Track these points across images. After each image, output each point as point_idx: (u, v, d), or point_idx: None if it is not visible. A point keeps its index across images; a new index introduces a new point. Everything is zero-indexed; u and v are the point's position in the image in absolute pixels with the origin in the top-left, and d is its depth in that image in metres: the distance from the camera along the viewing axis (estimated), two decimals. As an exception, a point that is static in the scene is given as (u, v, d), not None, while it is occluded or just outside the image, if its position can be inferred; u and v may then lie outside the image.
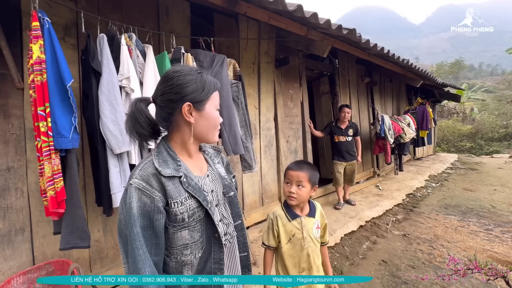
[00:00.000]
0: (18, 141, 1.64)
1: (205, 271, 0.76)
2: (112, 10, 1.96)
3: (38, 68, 1.15)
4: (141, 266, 0.64)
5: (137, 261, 0.65)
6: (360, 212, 3.50)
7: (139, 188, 0.67)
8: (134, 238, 0.65)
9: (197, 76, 0.74)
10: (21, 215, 1.65)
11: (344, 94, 4.60)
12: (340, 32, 2.50)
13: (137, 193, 0.67)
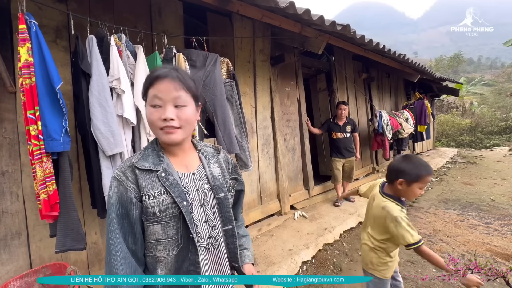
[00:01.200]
0: (12, 145, 1.64)
1: (181, 270, 0.74)
2: (103, 11, 1.95)
3: (26, 71, 1.14)
4: (112, 249, 0.69)
5: (109, 244, 0.70)
6: (360, 209, 3.49)
7: (117, 178, 0.73)
8: (109, 223, 0.71)
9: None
10: (17, 219, 1.65)
11: (342, 91, 4.58)
12: (334, 28, 2.48)
13: (115, 183, 0.73)
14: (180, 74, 0.74)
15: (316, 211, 3.49)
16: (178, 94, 0.71)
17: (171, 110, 0.71)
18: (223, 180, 0.84)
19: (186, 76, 0.76)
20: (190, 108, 0.74)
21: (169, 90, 0.71)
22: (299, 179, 3.71)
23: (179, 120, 0.72)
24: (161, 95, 0.71)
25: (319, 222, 3.14)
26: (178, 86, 0.72)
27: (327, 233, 2.84)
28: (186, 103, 0.73)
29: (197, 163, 0.84)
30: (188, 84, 0.74)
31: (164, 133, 0.72)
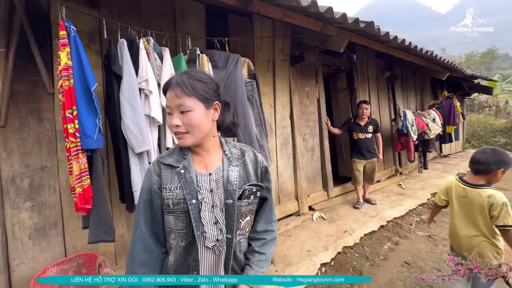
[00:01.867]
0: (50, 142, 1.78)
1: (186, 263, 0.80)
2: (131, 16, 2.05)
3: (65, 74, 1.24)
4: (134, 228, 0.82)
5: (134, 224, 0.83)
6: (381, 212, 3.37)
7: (149, 169, 0.84)
8: (138, 205, 0.83)
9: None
10: (54, 211, 1.79)
11: (363, 90, 4.44)
12: (357, 25, 2.42)
13: (147, 173, 0.84)
14: (182, 79, 0.76)
15: (335, 212, 3.42)
16: (180, 101, 0.75)
17: (176, 117, 0.76)
18: (237, 186, 0.81)
19: (191, 80, 0.76)
20: (195, 112, 0.75)
21: (173, 98, 0.76)
22: (318, 180, 3.66)
23: (185, 126, 0.76)
24: (169, 104, 0.78)
25: (339, 224, 3.07)
26: (180, 93, 0.75)
27: (347, 236, 2.78)
28: (190, 108, 0.75)
29: (218, 164, 0.84)
30: (189, 89, 0.75)
31: (177, 138, 0.80)
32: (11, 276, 1.64)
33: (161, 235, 0.83)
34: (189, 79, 0.76)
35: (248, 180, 0.84)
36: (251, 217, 0.88)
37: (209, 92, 0.79)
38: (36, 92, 1.73)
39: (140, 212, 0.81)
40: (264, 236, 0.89)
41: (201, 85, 0.77)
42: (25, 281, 1.66)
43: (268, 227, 0.91)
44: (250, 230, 0.90)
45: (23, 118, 1.68)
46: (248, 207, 0.84)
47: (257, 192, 0.85)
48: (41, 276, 1.58)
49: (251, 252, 0.87)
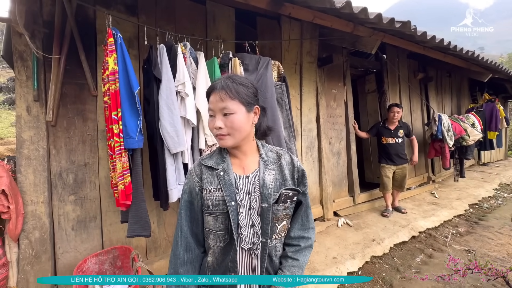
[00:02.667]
0: (92, 140, 1.91)
1: (223, 263, 0.82)
2: (167, 22, 2.15)
3: (112, 78, 1.33)
4: (177, 228, 0.85)
5: (177, 223, 0.85)
6: (412, 221, 3.18)
7: (191, 171, 0.87)
8: (180, 206, 0.86)
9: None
10: (94, 205, 1.92)
11: (393, 92, 4.24)
12: (392, 26, 2.32)
13: (189, 175, 0.87)
14: (227, 83, 0.79)
15: (362, 219, 3.29)
16: (224, 104, 0.77)
17: (219, 119, 0.78)
18: (273, 190, 0.81)
19: (234, 84, 0.79)
20: (238, 115, 0.78)
21: (217, 101, 0.78)
22: (344, 185, 3.55)
23: (227, 128, 0.78)
24: (212, 107, 0.80)
25: (366, 232, 2.95)
26: (224, 96, 0.77)
27: (375, 245, 2.65)
28: (233, 111, 0.77)
29: (255, 167, 0.85)
30: (233, 92, 0.78)
31: (218, 139, 0.81)
32: (56, 263, 1.78)
33: (200, 235, 0.86)
34: (233, 83, 0.79)
35: (284, 184, 0.84)
36: (288, 222, 0.87)
37: (250, 96, 0.81)
38: (81, 94, 1.87)
39: (182, 212, 0.84)
40: (299, 242, 0.87)
41: (244, 89, 0.80)
42: (68, 268, 1.79)
43: (304, 234, 0.89)
44: (286, 235, 0.88)
45: (70, 118, 1.83)
46: (285, 211, 0.83)
47: (294, 196, 0.84)
48: (82, 265, 1.71)
49: (285, 257, 0.86)
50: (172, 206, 2.03)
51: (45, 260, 1.71)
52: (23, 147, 1.66)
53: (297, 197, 0.86)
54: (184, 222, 0.84)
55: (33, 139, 1.68)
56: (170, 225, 2.21)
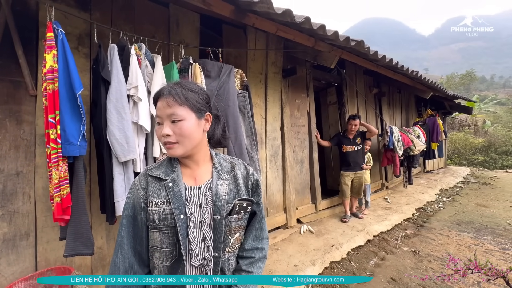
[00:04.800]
0: (28, 146, 1.68)
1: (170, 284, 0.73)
2: (124, 21, 2.02)
3: (50, 77, 1.19)
4: (116, 247, 0.75)
5: (116, 242, 0.76)
6: (368, 226, 3.39)
7: (135, 183, 0.79)
8: (120, 223, 0.77)
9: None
10: (27, 220, 1.67)
11: (352, 105, 4.56)
12: (348, 43, 2.50)
13: (132, 187, 0.79)
14: (175, 89, 0.74)
15: (323, 226, 3.40)
16: (172, 110, 0.73)
17: (167, 126, 0.73)
18: (226, 201, 0.77)
19: (183, 90, 0.75)
20: (187, 122, 0.74)
21: (164, 107, 0.74)
22: (307, 192, 3.66)
23: (175, 135, 0.73)
24: (159, 113, 0.75)
25: (326, 238, 3.05)
26: (172, 102, 0.73)
27: (334, 250, 2.75)
28: (181, 117, 0.73)
29: (208, 177, 0.81)
30: (185, 97, 0.74)
31: (166, 149, 0.76)
32: (-28, 292, 1.50)
33: (144, 254, 0.77)
34: (182, 88, 0.75)
35: (238, 194, 0.80)
36: (241, 234, 0.83)
37: (201, 103, 0.78)
38: (16, 93, 1.64)
39: (123, 229, 0.76)
40: (253, 254, 0.84)
41: (193, 95, 0.76)
42: (-12, 297, 1.51)
43: (257, 245, 0.86)
44: (239, 248, 0.84)
45: (0, 120, 1.59)
46: (238, 223, 0.80)
47: (248, 207, 0.82)
48: (6, 292, 1.45)
49: (238, 270, 0.82)
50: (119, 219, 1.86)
51: (-45, 290, 1.42)
52: None
53: (251, 208, 0.84)
54: (125, 241, 0.75)
55: None
56: (122, 240, 2.02)
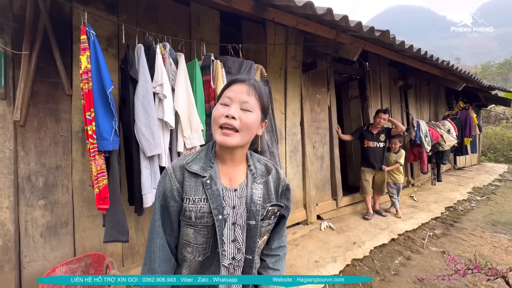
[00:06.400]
0: (66, 142, 1.82)
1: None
2: (149, 22, 2.10)
3: (85, 77, 1.27)
4: (154, 236, 0.74)
5: (151, 231, 0.75)
6: (392, 224, 3.27)
7: (168, 172, 0.76)
8: (154, 211, 0.76)
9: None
10: (66, 210, 1.81)
11: (375, 98, 4.38)
12: (372, 34, 2.39)
13: (164, 177, 0.76)
14: (257, 83, 0.75)
15: (344, 223, 3.34)
16: (248, 98, 0.71)
17: (236, 109, 0.70)
18: (261, 206, 0.77)
19: (262, 89, 0.76)
20: (255, 115, 0.72)
21: (242, 92, 0.71)
22: (327, 189, 3.60)
23: (240, 122, 0.69)
24: (231, 95, 0.71)
25: (347, 235, 2.99)
26: (251, 92, 0.72)
27: (356, 248, 2.70)
28: (252, 109, 0.71)
29: (242, 179, 0.79)
30: (261, 94, 0.74)
31: (221, 133, 0.70)
32: (22, 273, 1.67)
33: (172, 244, 0.77)
34: (260, 86, 0.76)
35: (269, 198, 0.79)
36: (267, 236, 0.84)
37: (267, 105, 0.78)
38: (55, 93, 1.78)
39: (157, 219, 0.74)
40: (278, 252, 0.87)
41: (267, 99, 0.77)
42: (34, 278, 1.68)
43: (281, 243, 0.89)
44: (264, 247, 0.86)
45: (41, 118, 1.73)
46: (268, 227, 0.80)
47: (277, 212, 0.81)
48: (50, 274, 1.60)
49: (265, 268, 0.84)
50: (149, 210, 1.96)
51: (8, 270, 1.59)
52: (-14, 148, 1.55)
53: (280, 212, 0.83)
54: (162, 229, 0.74)
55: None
56: (149, 231, 2.14)
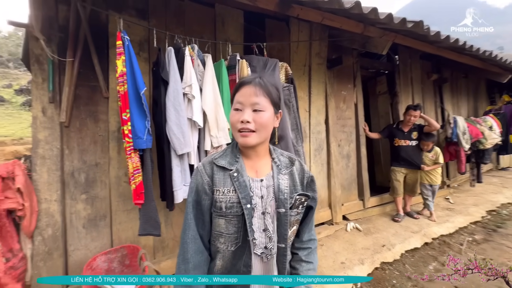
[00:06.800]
0: (103, 141, 1.96)
1: (234, 268, 0.78)
2: (176, 25, 2.19)
3: (121, 80, 1.36)
4: (186, 228, 0.79)
5: (185, 224, 0.80)
6: (425, 227, 3.07)
7: (198, 169, 0.82)
8: (187, 205, 0.81)
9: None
10: (104, 204, 1.96)
11: (406, 94, 4.12)
12: (403, 26, 2.26)
13: (196, 172, 0.82)
14: (262, 81, 0.78)
15: (372, 224, 3.21)
16: (257, 99, 0.75)
17: (248, 113, 0.75)
18: (288, 195, 0.80)
19: (269, 84, 0.79)
20: (267, 113, 0.77)
21: (250, 95, 0.76)
22: (353, 188, 3.48)
23: (254, 124, 0.75)
24: (242, 100, 0.77)
25: (376, 237, 2.87)
26: (258, 92, 0.76)
27: (386, 251, 2.58)
28: (264, 108, 0.76)
29: (268, 171, 0.83)
30: (268, 90, 0.78)
31: (240, 136, 0.77)
32: (68, 260, 1.84)
33: (205, 237, 0.82)
34: (267, 82, 0.80)
35: (295, 189, 0.83)
36: (296, 227, 0.86)
37: (278, 99, 0.82)
38: (94, 96, 1.93)
39: (189, 213, 0.80)
40: (309, 245, 0.89)
41: (275, 91, 0.81)
42: (78, 265, 1.84)
43: (311, 236, 0.91)
44: (295, 240, 0.88)
45: (82, 119, 1.89)
46: (296, 217, 0.82)
47: (305, 202, 0.84)
48: (92, 263, 1.74)
49: (298, 261, 0.86)
50: (178, 206, 2.05)
51: (57, 257, 1.76)
52: (38, 147, 1.72)
53: (307, 202, 0.86)
54: (194, 222, 0.79)
55: (48, 139, 1.75)
56: (178, 225, 2.23)
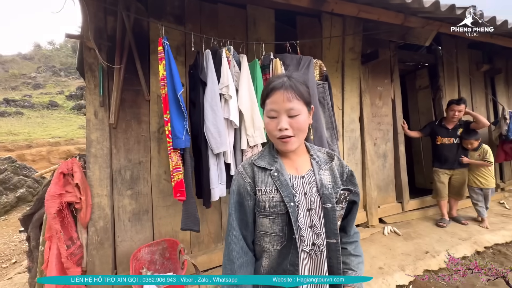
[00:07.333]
0: (145, 141, 2.10)
1: (280, 267, 0.77)
2: (210, 28, 2.26)
3: (162, 83, 1.45)
4: (230, 230, 0.80)
5: (228, 225, 0.81)
6: (476, 234, 2.78)
7: (239, 171, 0.84)
8: (230, 207, 0.82)
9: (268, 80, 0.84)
10: (146, 200, 2.10)
11: (451, 88, 3.77)
12: (452, 13, 2.06)
13: (237, 175, 0.84)
14: (293, 83, 0.76)
15: (412, 228, 2.99)
16: (291, 105, 0.74)
17: (285, 120, 0.75)
18: (332, 190, 0.79)
19: (298, 83, 0.77)
20: (303, 116, 0.76)
21: (283, 101, 0.74)
22: (391, 190, 3.28)
23: (292, 129, 0.75)
24: (275, 107, 0.76)
25: (417, 242, 2.67)
26: (291, 96, 0.74)
27: (429, 258, 2.39)
28: (299, 112, 0.75)
29: (308, 167, 0.83)
30: (300, 92, 0.76)
31: (280, 143, 0.78)
32: (116, 250, 2.00)
33: (248, 238, 0.82)
34: (296, 82, 0.77)
35: (336, 184, 0.82)
36: (340, 221, 0.86)
37: (309, 97, 0.80)
38: (137, 99, 2.07)
39: (233, 214, 0.81)
40: (355, 238, 0.90)
41: (305, 89, 0.79)
42: (125, 255, 2.00)
43: (355, 230, 0.92)
44: (342, 235, 0.87)
45: (128, 121, 2.04)
46: (341, 211, 0.82)
47: (348, 196, 0.83)
48: (137, 254, 1.88)
49: (348, 256, 0.86)
50: (214, 205, 2.12)
51: (107, 247, 1.93)
52: (91, 147, 1.90)
53: (350, 197, 0.85)
54: (237, 224, 0.80)
55: (99, 139, 1.92)
56: (212, 222, 2.31)
